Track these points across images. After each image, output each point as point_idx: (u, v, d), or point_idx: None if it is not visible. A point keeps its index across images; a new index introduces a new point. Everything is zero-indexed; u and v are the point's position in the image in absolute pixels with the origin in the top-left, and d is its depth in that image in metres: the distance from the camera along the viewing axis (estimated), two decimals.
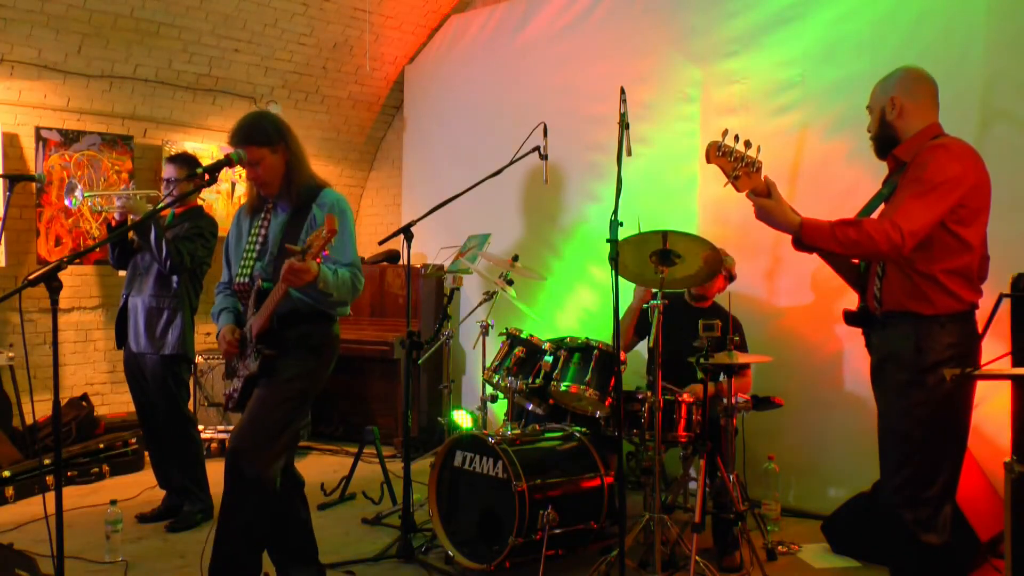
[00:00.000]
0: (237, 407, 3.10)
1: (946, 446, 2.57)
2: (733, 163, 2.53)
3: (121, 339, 4.34)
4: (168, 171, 4.32)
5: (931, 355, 2.51)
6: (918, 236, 2.47)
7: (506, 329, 4.19)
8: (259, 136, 3.02)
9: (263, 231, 3.14)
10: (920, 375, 2.51)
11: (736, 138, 2.56)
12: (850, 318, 2.81)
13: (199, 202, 4.54)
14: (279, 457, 3.03)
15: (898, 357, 2.58)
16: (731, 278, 4.30)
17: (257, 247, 3.12)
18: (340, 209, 3.07)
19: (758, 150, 2.57)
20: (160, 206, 4.32)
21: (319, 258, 2.77)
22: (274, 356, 2.98)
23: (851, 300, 2.87)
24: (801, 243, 2.56)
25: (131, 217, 4.09)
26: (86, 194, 4.27)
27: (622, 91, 3.25)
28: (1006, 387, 3.14)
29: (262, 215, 3.18)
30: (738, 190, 2.56)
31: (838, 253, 2.58)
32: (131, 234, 4.26)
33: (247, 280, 3.10)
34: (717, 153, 2.53)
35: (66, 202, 4.31)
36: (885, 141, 2.73)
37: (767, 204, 2.54)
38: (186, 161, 4.32)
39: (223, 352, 3.14)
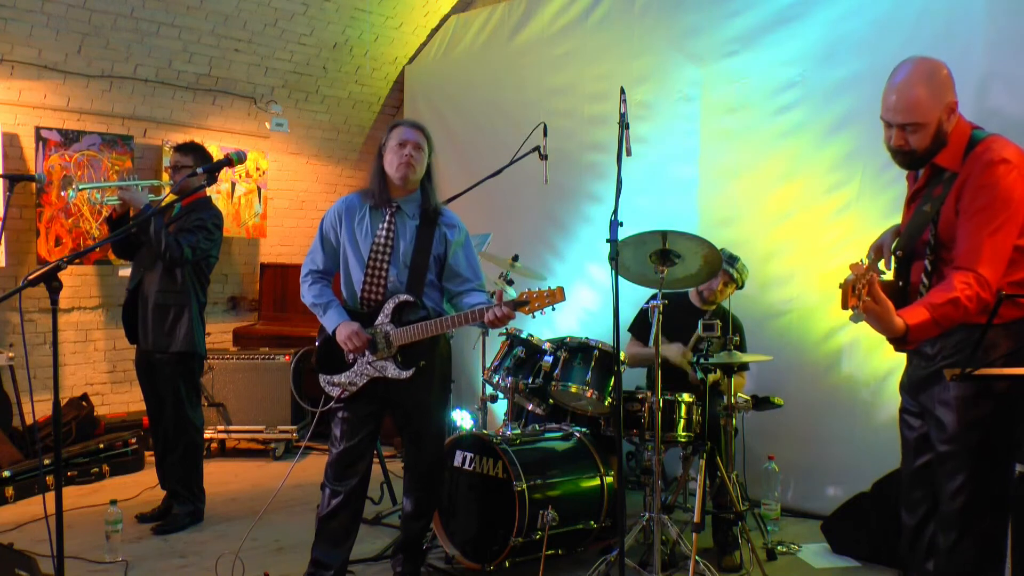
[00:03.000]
0: (351, 398, 3.28)
1: (1010, 456, 2.47)
2: (859, 293, 2.20)
3: (130, 335, 4.31)
4: (175, 159, 4.27)
5: (1005, 360, 2.38)
6: (1000, 278, 2.33)
7: (506, 329, 4.18)
8: (427, 132, 3.38)
9: (391, 235, 3.24)
10: (989, 384, 2.39)
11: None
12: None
13: (207, 193, 4.46)
14: None
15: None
16: (740, 286, 4.27)
17: (388, 252, 3.23)
18: (466, 231, 3.38)
19: (870, 258, 2.32)
20: (160, 200, 4.28)
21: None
22: (425, 368, 3.23)
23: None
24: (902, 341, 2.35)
25: (132, 209, 4.07)
26: (80, 186, 4.25)
27: (622, 91, 3.25)
28: None
29: (386, 217, 3.26)
30: (862, 316, 2.23)
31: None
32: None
33: (380, 287, 3.23)
34: (852, 294, 2.19)
35: (61, 193, 4.29)
36: (932, 154, 2.45)
37: (877, 311, 2.24)
38: (193, 149, 4.28)
39: (351, 348, 3.21)
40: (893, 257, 2.62)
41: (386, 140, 3.32)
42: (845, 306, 2.21)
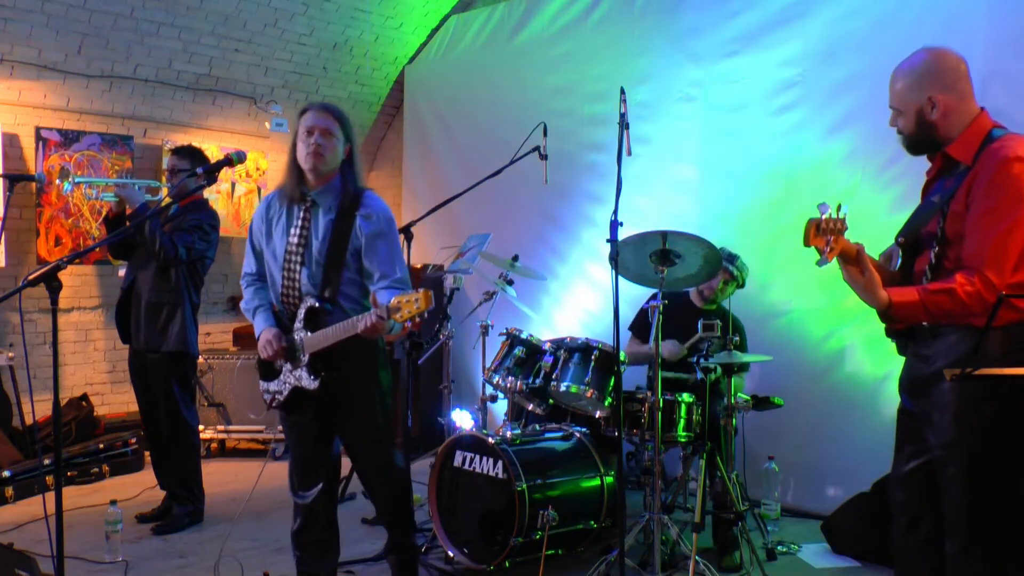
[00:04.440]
0: (281, 407, 3.14)
1: (1015, 461, 2.40)
2: (827, 238, 2.25)
3: (124, 334, 4.31)
4: (172, 162, 4.27)
5: (999, 364, 2.29)
6: (1006, 280, 2.29)
7: (506, 329, 4.18)
8: (339, 113, 3.04)
9: (304, 233, 3.03)
10: (993, 387, 2.33)
11: (837, 209, 2.29)
12: (893, 332, 2.61)
13: (204, 195, 4.45)
14: (396, 445, 3.40)
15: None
16: (741, 284, 4.28)
17: (301, 250, 3.02)
18: (388, 218, 3.06)
19: (843, 211, 2.31)
20: (156, 201, 4.28)
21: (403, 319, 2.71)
22: (336, 378, 3.00)
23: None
24: (887, 316, 2.38)
25: (128, 207, 4.07)
26: (77, 179, 4.25)
27: (622, 91, 3.25)
28: None
29: (301, 211, 3.05)
30: (828, 261, 2.30)
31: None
32: (128, 224, 4.19)
33: (295, 289, 3.04)
34: (816, 233, 2.24)
35: (57, 182, 4.29)
36: (925, 142, 2.48)
37: (859, 280, 2.31)
38: (190, 153, 4.28)
39: (266, 356, 3.06)
40: (899, 248, 2.58)
41: (296, 128, 3.03)
42: (807, 243, 2.24)
